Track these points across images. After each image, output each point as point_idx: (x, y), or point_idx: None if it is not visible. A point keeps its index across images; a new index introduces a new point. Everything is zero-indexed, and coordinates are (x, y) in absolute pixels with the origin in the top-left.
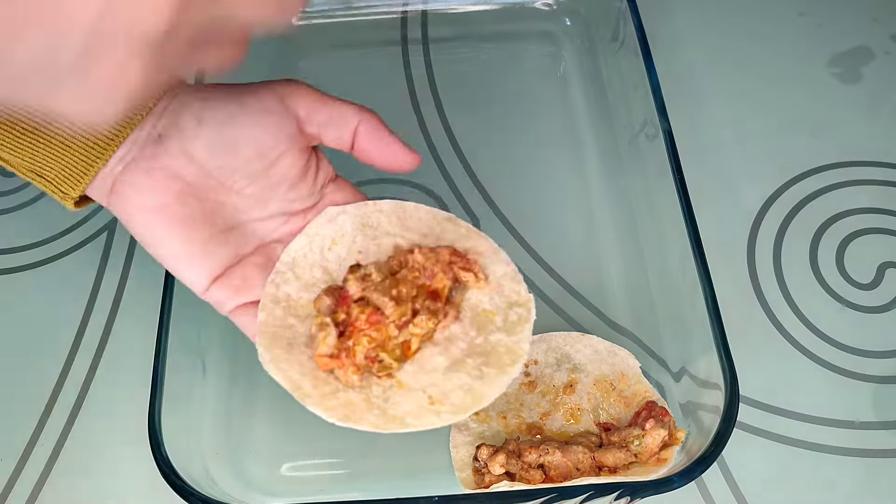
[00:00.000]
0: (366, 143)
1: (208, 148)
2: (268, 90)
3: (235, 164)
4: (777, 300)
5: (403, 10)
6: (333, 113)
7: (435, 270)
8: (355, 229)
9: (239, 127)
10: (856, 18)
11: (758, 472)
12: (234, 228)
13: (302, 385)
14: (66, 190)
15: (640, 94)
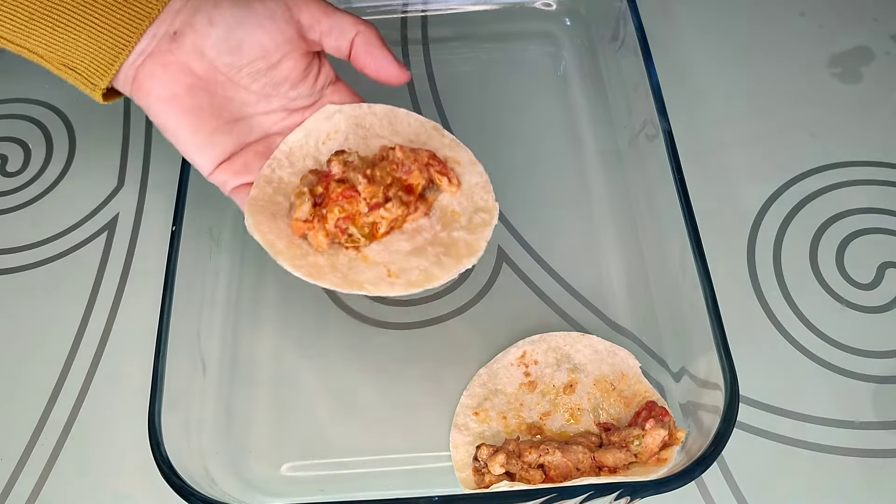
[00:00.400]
0: (361, 53)
1: (217, 47)
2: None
3: (241, 62)
4: (777, 300)
5: (403, 10)
6: (334, 23)
7: (412, 168)
8: (348, 128)
9: (245, 30)
10: (856, 18)
11: (758, 472)
12: (239, 120)
13: (277, 245)
14: (95, 81)
15: (640, 94)
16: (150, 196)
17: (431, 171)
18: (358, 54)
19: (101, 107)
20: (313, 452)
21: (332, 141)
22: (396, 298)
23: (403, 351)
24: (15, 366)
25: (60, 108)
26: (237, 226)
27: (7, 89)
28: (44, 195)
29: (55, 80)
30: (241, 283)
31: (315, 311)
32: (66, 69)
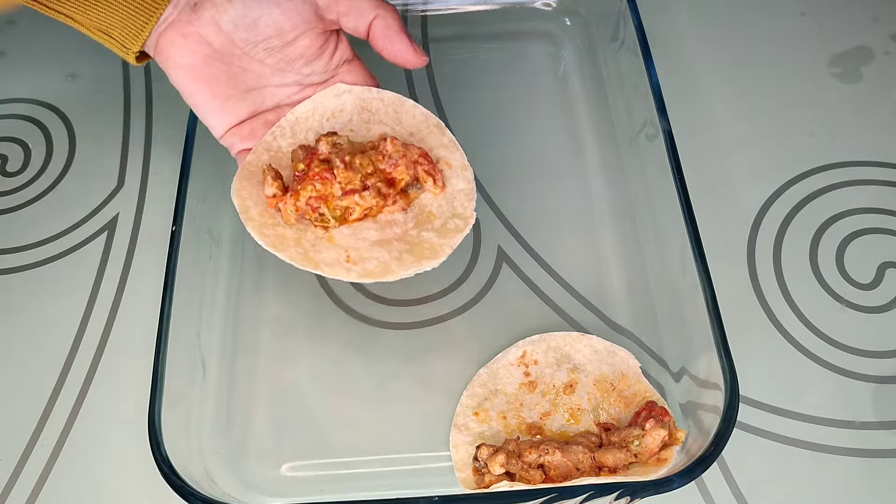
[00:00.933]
0: (379, 37)
1: (234, 22)
2: None
3: (257, 38)
4: (777, 300)
5: (403, 10)
6: (353, 4)
7: (399, 162)
8: (354, 109)
9: (262, 8)
10: (856, 18)
11: (758, 472)
12: (252, 90)
13: (249, 211)
14: (128, 45)
15: (640, 94)
16: (150, 196)
17: (419, 168)
18: (376, 37)
19: (102, 107)
20: (313, 452)
21: (335, 119)
22: (396, 298)
23: (403, 351)
24: (15, 366)
25: (60, 108)
26: (237, 226)
27: (7, 89)
28: (44, 195)
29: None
30: (241, 283)
31: (315, 312)
32: (101, 34)
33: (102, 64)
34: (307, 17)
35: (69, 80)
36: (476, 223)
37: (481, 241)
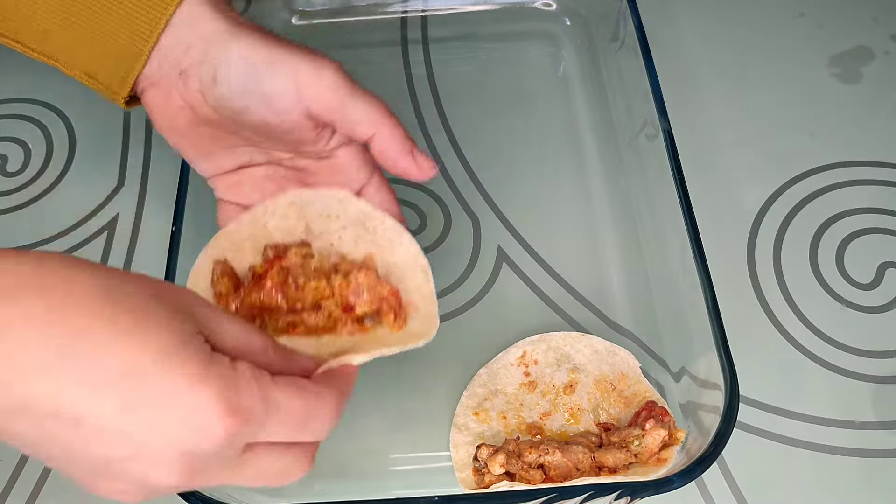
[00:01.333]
0: (377, 155)
1: (220, 102)
2: (287, 74)
3: (242, 121)
4: (777, 300)
5: (403, 10)
6: (348, 118)
7: (364, 297)
8: (351, 220)
9: (250, 99)
10: (856, 18)
11: (758, 472)
12: (240, 147)
13: (199, 285)
14: (116, 90)
15: (640, 94)
16: (150, 196)
17: (384, 304)
18: (375, 154)
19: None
20: None
21: (329, 221)
22: None
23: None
24: None
25: (60, 108)
26: None
27: (7, 89)
28: (44, 195)
29: None
30: None
31: None
32: (87, 77)
33: None
34: (297, 119)
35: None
36: (476, 223)
37: (481, 241)
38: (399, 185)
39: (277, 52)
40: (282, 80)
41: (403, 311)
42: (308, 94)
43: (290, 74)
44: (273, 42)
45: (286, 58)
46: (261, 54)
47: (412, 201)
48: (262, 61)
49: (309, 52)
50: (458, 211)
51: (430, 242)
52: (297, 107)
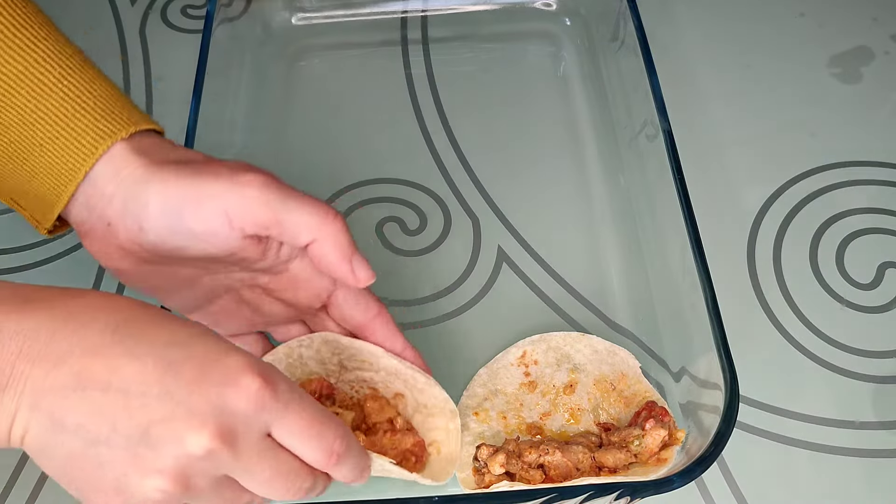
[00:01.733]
0: (316, 261)
1: (154, 249)
2: (212, 206)
3: (184, 257)
4: (777, 300)
5: (403, 10)
6: (284, 230)
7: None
8: (384, 369)
9: (180, 238)
10: (856, 18)
11: (758, 472)
12: (196, 279)
13: None
14: (39, 222)
15: (640, 94)
16: None
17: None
18: (312, 260)
19: None
20: None
21: (361, 364)
22: (397, 298)
23: None
24: None
25: None
26: None
27: None
28: None
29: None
30: None
31: None
32: (13, 202)
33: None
34: (235, 242)
35: None
36: (476, 223)
37: (481, 241)
38: (399, 184)
39: (197, 184)
40: (207, 214)
41: (424, 456)
42: (238, 218)
43: (214, 206)
44: (191, 173)
45: (207, 188)
46: (179, 193)
47: (412, 201)
48: (182, 200)
49: (231, 171)
50: (458, 211)
51: (430, 242)
52: (231, 233)
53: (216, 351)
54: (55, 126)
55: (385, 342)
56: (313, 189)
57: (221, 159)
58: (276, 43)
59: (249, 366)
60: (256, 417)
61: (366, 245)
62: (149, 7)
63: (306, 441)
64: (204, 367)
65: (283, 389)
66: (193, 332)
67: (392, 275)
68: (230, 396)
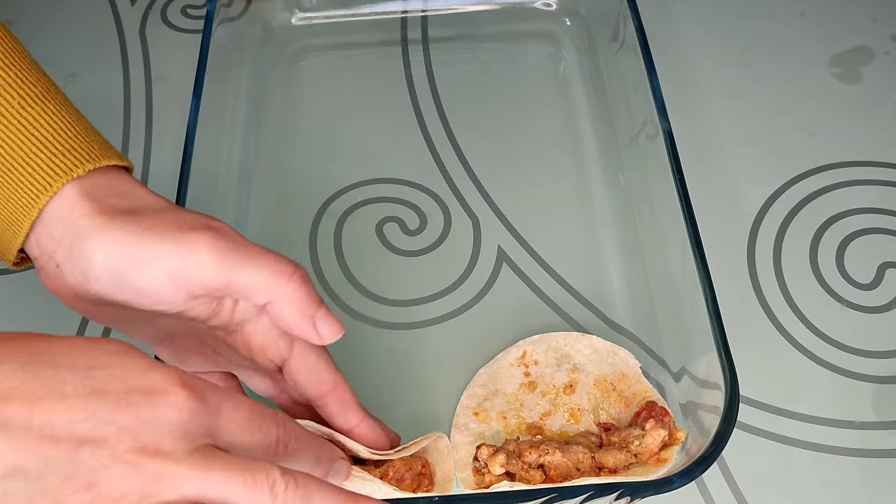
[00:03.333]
0: (273, 320)
1: (100, 297)
2: (156, 268)
3: (134, 308)
4: (777, 300)
5: (403, 10)
6: (238, 291)
7: (405, 476)
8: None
9: (126, 295)
10: (856, 18)
11: (758, 472)
12: (152, 320)
13: None
14: (3, 251)
15: (640, 94)
16: None
17: (423, 480)
18: (272, 319)
19: (102, 107)
20: None
21: None
22: (396, 298)
23: (403, 351)
24: None
25: None
26: (237, 226)
27: None
28: None
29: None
30: None
31: None
32: None
33: (102, 64)
34: (183, 302)
35: (69, 80)
36: (476, 223)
37: (481, 241)
38: (399, 184)
39: (142, 244)
40: (152, 276)
41: (432, 477)
42: (184, 281)
43: (158, 268)
44: (137, 231)
45: (152, 250)
46: (123, 252)
47: (412, 201)
48: (126, 260)
49: (179, 231)
50: (458, 211)
51: (430, 242)
52: (178, 294)
53: (138, 368)
54: (12, 160)
55: (338, 417)
56: (313, 189)
57: (181, 208)
58: (276, 43)
59: (174, 378)
60: (191, 425)
61: (366, 245)
62: (149, 7)
63: (249, 436)
64: (128, 385)
65: (211, 394)
66: (113, 352)
67: (392, 275)
68: (160, 409)
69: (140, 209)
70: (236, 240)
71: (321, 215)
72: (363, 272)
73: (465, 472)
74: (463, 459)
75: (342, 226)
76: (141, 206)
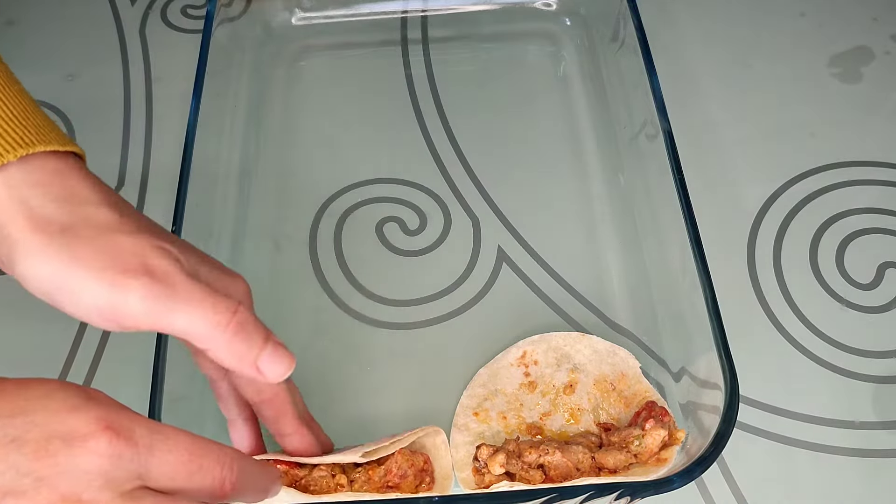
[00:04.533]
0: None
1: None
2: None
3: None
4: (777, 300)
5: (403, 10)
6: (175, 334)
7: (408, 472)
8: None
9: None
10: (856, 18)
11: (758, 472)
12: None
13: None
14: None
15: (640, 94)
16: (150, 196)
17: (422, 474)
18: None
19: (102, 108)
20: None
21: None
22: (396, 298)
23: (403, 351)
24: (15, 367)
25: (60, 108)
26: (237, 225)
27: None
28: None
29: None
30: None
31: (315, 311)
32: None
33: (102, 64)
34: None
35: (69, 80)
36: (476, 223)
37: (481, 241)
38: (399, 184)
39: (74, 279)
40: (82, 309)
41: (433, 474)
42: (115, 321)
43: (88, 305)
44: (72, 263)
45: (83, 287)
46: (53, 282)
47: (412, 201)
48: (57, 290)
49: (114, 271)
50: (458, 211)
51: (430, 242)
52: (107, 325)
53: (62, 411)
54: None
55: (272, 423)
56: (313, 189)
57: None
58: (276, 43)
59: (96, 420)
60: (114, 472)
61: (366, 245)
62: (149, 7)
63: (188, 478)
64: (48, 433)
65: (141, 434)
66: (39, 396)
67: (392, 275)
68: (79, 457)
69: (77, 227)
70: (174, 284)
71: (321, 215)
72: (363, 272)
73: (464, 472)
74: (463, 459)
75: (342, 226)
76: (80, 222)
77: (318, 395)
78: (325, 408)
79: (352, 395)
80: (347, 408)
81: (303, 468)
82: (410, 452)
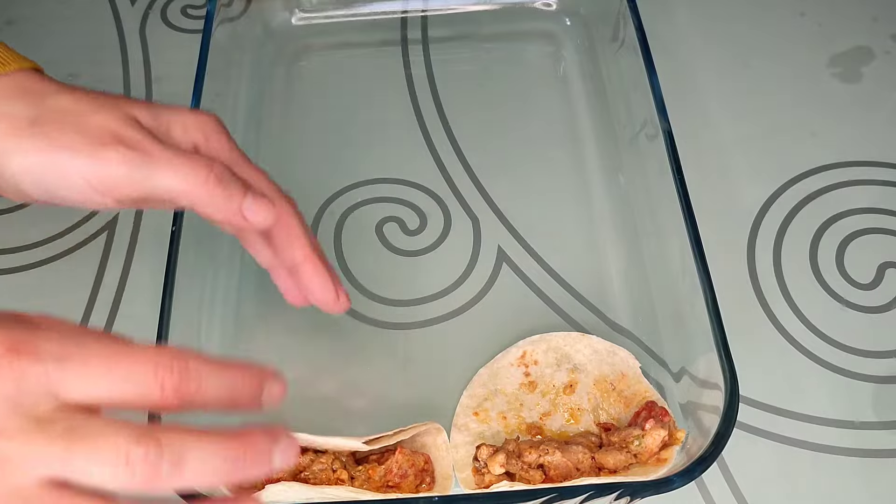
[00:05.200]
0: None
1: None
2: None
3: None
4: (777, 300)
5: (403, 10)
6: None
7: (408, 472)
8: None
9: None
10: (856, 18)
11: (758, 472)
12: None
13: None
14: None
15: (640, 93)
16: None
17: (422, 474)
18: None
19: None
20: None
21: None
22: (396, 298)
23: (403, 351)
24: None
25: None
26: None
27: None
28: None
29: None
30: (241, 283)
31: (315, 311)
32: None
33: (102, 64)
34: (112, 204)
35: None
36: (476, 223)
37: (481, 241)
38: (399, 184)
39: (56, 159)
40: (74, 185)
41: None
42: (106, 192)
43: (78, 179)
44: (48, 146)
45: (67, 164)
46: (41, 167)
47: (412, 201)
48: (45, 174)
49: (91, 146)
50: (458, 211)
51: (430, 242)
52: (105, 200)
53: None
54: None
55: (284, 250)
56: (313, 189)
57: (86, 101)
58: (276, 43)
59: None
60: (23, 395)
61: (366, 245)
62: (149, 7)
63: (112, 387)
64: None
65: (47, 349)
66: None
67: (392, 275)
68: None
69: (44, 116)
70: (149, 151)
71: (321, 215)
72: (363, 272)
73: (464, 472)
74: (463, 459)
75: (342, 226)
76: (45, 111)
77: (318, 395)
78: (325, 407)
79: (352, 395)
80: (347, 408)
81: (304, 455)
82: (411, 452)
